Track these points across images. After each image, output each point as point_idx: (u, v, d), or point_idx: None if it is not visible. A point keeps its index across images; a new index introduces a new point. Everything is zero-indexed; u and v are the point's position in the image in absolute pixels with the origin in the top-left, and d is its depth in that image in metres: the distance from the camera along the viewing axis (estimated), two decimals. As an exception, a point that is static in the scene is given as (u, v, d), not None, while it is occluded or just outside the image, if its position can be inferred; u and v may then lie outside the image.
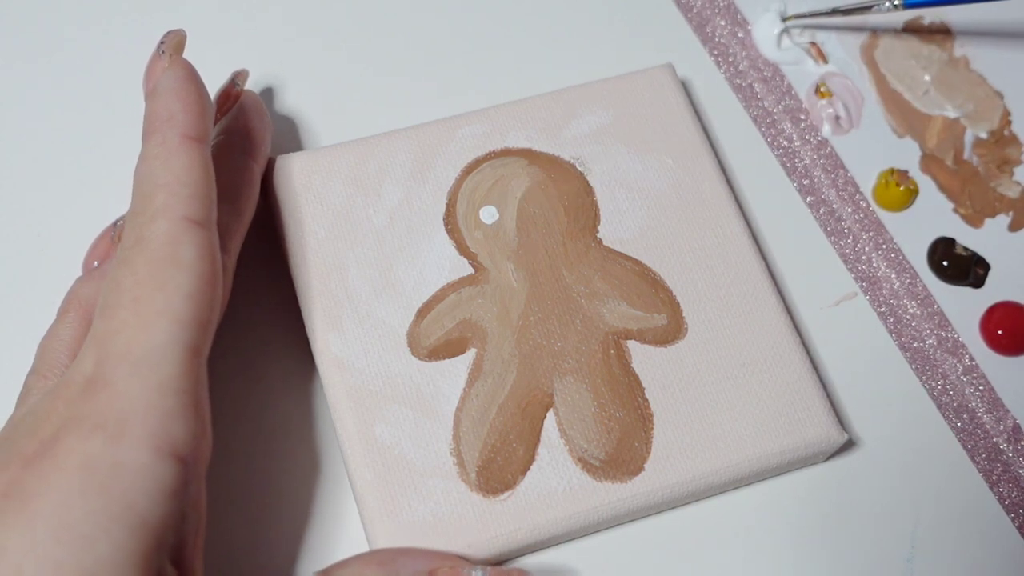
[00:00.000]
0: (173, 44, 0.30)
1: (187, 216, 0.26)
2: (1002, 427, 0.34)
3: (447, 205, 0.34)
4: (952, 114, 0.40)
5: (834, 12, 0.32)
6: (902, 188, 0.37)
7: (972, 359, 0.35)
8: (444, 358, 0.32)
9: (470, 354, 0.32)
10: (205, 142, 0.28)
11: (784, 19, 0.32)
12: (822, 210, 0.38)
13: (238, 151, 0.32)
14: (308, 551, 0.31)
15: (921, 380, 0.35)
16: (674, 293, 0.33)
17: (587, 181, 0.35)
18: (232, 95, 0.34)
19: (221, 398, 0.31)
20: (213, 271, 0.26)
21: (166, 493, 0.23)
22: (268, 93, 0.38)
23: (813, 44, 0.41)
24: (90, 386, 0.24)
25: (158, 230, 0.26)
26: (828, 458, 0.33)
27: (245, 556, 0.30)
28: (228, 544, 0.30)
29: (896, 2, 0.31)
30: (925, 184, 0.38)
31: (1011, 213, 0.38)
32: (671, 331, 0.32)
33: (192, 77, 0.29)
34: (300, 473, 0.32)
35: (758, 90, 0.40)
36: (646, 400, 0.31)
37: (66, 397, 0.24)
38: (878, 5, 0.31)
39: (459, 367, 0.31)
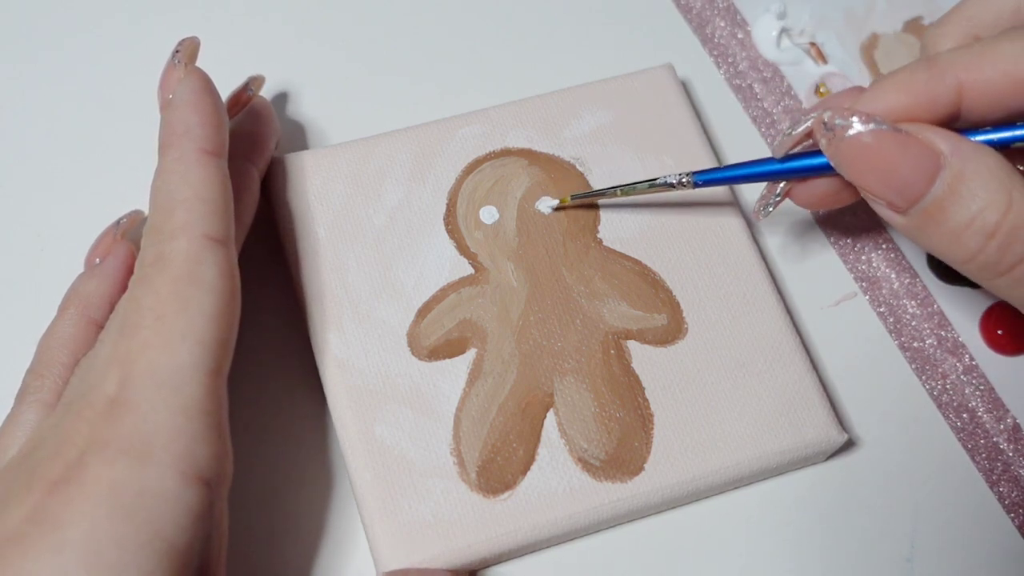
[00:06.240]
0: (188, 53, 0.30)
1: (207, 234, 0.26)
2: (1002, 427, 0.34)
3: (447, 205, 0.34)
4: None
5: (620, 189, 0.33)
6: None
7: (972, 359, 0.35)
8: (444, 358, 0.32)
9: (470, 354, 0.32)
10: (222, 156, 0.28)
11: (559, 205, 0.34)
12: (822, 210, 0.38)
13: (240, 155, 0.32)
14: (308, 551, 0.31)
15: (921, 380, 0.35)
16: (674, 293, 0.33)
17: (587, 181, 0.35)
18: (242, 100, 0.34)
19: (221, 398, 0.31)
20: (233, 289, 0.26)
21: (192, 517, 0.23)
22: (269, 94, 0.38)
23: (813, 44, 0.41)
24: (114, 408, 0.24)
25: (178, 248, 0.26)
26: (828, 458, 0.33)
27: (243, 555, 0.30)
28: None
29: (686, 180, 0.32)
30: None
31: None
32: (671, 331, 0.32)
33: (208, 88, 0.29)
34: (300, 473, 0.32)
35: (758, 90, 0.40)
36: (646, 400, 0.31)
37: (89, 418, 0.24)
38: (665, 180, 0.32)
39: (459, 367, 0.31)
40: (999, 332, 0.35)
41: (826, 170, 0.28)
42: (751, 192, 0.37)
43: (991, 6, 0.29)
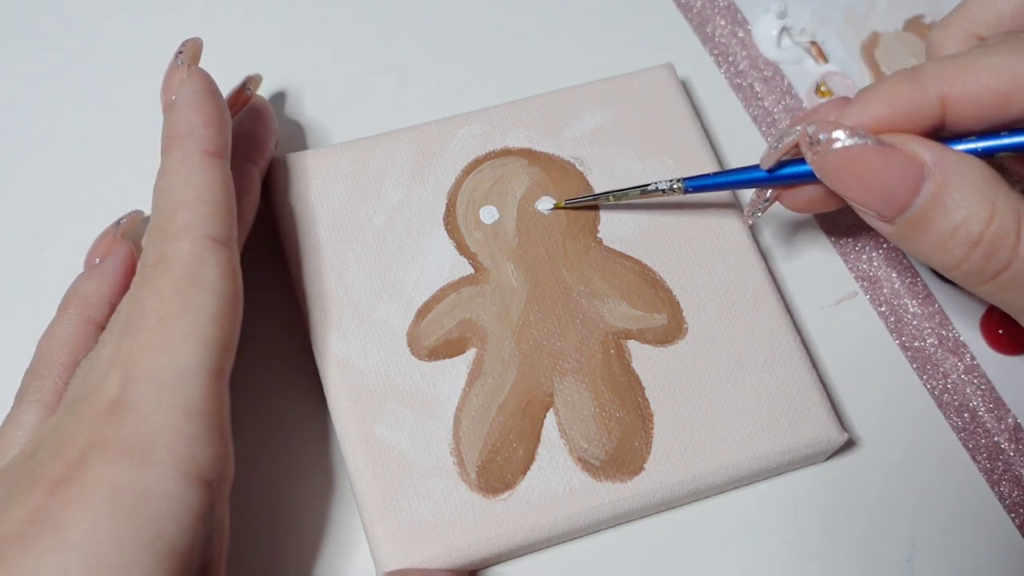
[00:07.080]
0: (191, 54, 0.30)
1: (209, 235, 0.26)
2: (1003, 426, 0.34)
3: (447, 205, 0.34)
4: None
5: (612, 195, 0.33)
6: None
7: (973, 358, 0.35)
8: (444, 358, 0.32)
9: (470, 354, 0.32)
10: (225, 157, 0.28)
11: (553, 207, 0.34)
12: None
13: (240, 155, 0.32)
14: (308, 551, 0.31)
15: (922, 379, 0.35)
16: (674, 293, 0.33)
17: (587, 181, 0.35)
18: (241, 99, 0.34)
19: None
20: (236, 291, 0.26)
21: (193, 518, 0.23)
22: (268, 94, 0.38)
23: (813, 43, 0.41)
24: (115, 408, 0.24)
25: (181, 250, 0.26)
26: (828, 458, 0.33)
27: (244, 555, 0.30)
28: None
29: (676, 186, 0.32)
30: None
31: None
32: (671, 331, 0.32)
33: (211, 90, 0.29)
34: (300, 473, 0.32)
35: (758, 90, 0.40)
36: (646, 400, 0.31)
37: (90, 419, 0.24)
38: (656, 186, 0.32)
39: (459, 367, 0.31)
40: (1000, 332, 0.35)
41: (813, 178, 0.28)
42: (751, 192, 0.37)
43: (992, 7, 0.29)
